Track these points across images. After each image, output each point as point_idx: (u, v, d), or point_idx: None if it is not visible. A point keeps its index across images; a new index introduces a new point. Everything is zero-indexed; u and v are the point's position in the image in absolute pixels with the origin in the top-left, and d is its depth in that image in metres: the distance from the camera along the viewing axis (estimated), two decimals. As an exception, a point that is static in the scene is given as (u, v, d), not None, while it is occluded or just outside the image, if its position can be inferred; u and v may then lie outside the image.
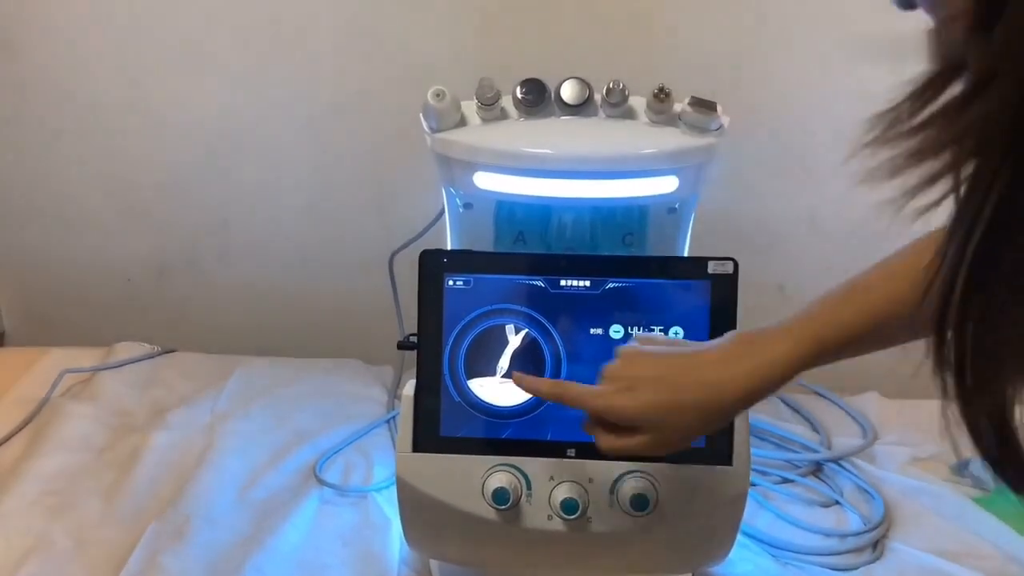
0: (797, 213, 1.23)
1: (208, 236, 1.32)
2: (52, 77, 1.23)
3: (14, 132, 1.27)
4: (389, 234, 1.08)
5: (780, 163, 1.19)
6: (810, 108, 1.15)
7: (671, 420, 0.62)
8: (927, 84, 0.37)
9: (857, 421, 1.16)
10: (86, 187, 1.30)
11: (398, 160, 1.22)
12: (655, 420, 0.62)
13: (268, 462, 1.05)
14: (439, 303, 0.79)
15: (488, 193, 0.82)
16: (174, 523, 0.93)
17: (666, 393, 0.61)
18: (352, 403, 1.18)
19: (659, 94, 0.78)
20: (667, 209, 0.86)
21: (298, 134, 1.24)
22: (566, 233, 0.88)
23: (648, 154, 0.79)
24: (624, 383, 0.63)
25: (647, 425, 0.62)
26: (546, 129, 0.80)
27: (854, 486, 1.04)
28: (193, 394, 1.17)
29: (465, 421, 0.79)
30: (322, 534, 0.94)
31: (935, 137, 0.36)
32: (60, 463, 1.02)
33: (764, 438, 1.12)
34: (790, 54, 1.13)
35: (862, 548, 0.94)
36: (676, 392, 0.61)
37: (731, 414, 0.63)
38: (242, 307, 1.36)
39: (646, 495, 0.75)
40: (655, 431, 0.62)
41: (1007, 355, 0.39)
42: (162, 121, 1.25)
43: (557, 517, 0.77)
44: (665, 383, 0.62)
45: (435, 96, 0.77)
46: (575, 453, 0.78)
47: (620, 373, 0.64)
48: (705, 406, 0.61)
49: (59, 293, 1.38)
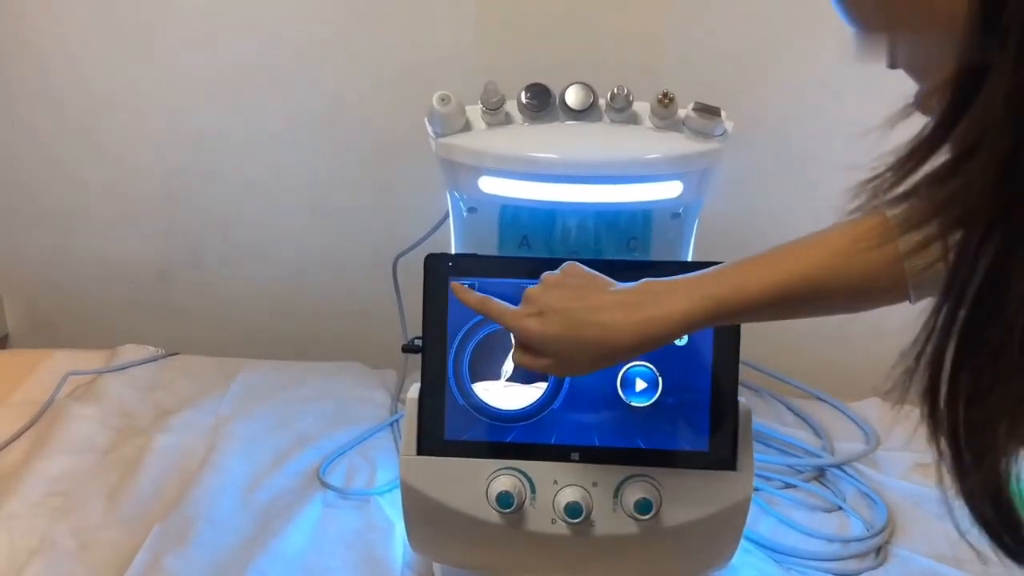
0: (801, 218, 1.22)
1: (211, 239, 1.32)
2: (55, 80, 1.24)
3: (16, 135, 1.27)
4: (393, 238, 1.09)
5: (784, 168, 1.19)
6: (815, 113, 1.16)
7: (570, 351, 0.65)
8: (910, 154, 0.37)
9: (860, 427, 1.16)
10: (90, 190, 1.30)
11: (402, 164, 1.22)
12: (555, 348, 0.65)
13: (271, 465, 1.05)
14: (444, 307, 0.79)
15: (492, 197, 0.82)
16: (177, 525, 0.93)
17: (568, 327, 0.64)
18: (355, 406, 1.18)
19: (663, 99, 0.78)
20: (671, 214, 0.86)
21: (302, 137, 1.24)
22: (570, 237, 0.89)
23: (652, 159, 0.79)
24: (536, 308, 0.66)
25: (549, 351, 0.66)
26: (550, 134, 0.80)
27: (857, 491, 1.04)
28: (197, 397, 1.18)
29: (469, 425, 0.79)
30: (325, 537, 0.95)
31: (920, 207, 0.36)
32: (64, 465, 1.02)
33: (767, 443, 1.12)
34: (795, 60, 1.14)
35: (865, 554, 0.94)
36: (576, 328, 0.64)
37: (626, 356, 0.66)
38: (245, 310, 1.36)
39: (650, 499, 0.75)
40: (556, 357, 0.66)
41: (1000, 429, 0.38)
42: (165, 124, 1.25)
43: (561, 521, 0.77)
44: (570, 317, 0.64)
45: (440, 100, 0.78)
46: (579, 457, 0.78)
47: (535, 298, 0.67)
48: (601, 345, 0.64)
49: (63, 296, 1.38)
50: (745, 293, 0.61)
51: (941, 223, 0.36)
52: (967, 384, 0.38)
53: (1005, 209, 0.34)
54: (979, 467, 0.39)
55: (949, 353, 0.38)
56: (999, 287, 0.35)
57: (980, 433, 0.38)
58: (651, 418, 0.78)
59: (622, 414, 0.78)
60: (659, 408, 0.78)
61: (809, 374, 1.24)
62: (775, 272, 0.61)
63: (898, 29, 0.41)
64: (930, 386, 0.39)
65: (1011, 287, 0.35)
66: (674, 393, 0.78)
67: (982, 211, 0.35)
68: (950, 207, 0.35)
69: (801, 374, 1.24)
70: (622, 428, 0.78)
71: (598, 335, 0.63)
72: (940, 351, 0.38)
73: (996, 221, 0.35)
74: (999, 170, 0.33)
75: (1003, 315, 0.35)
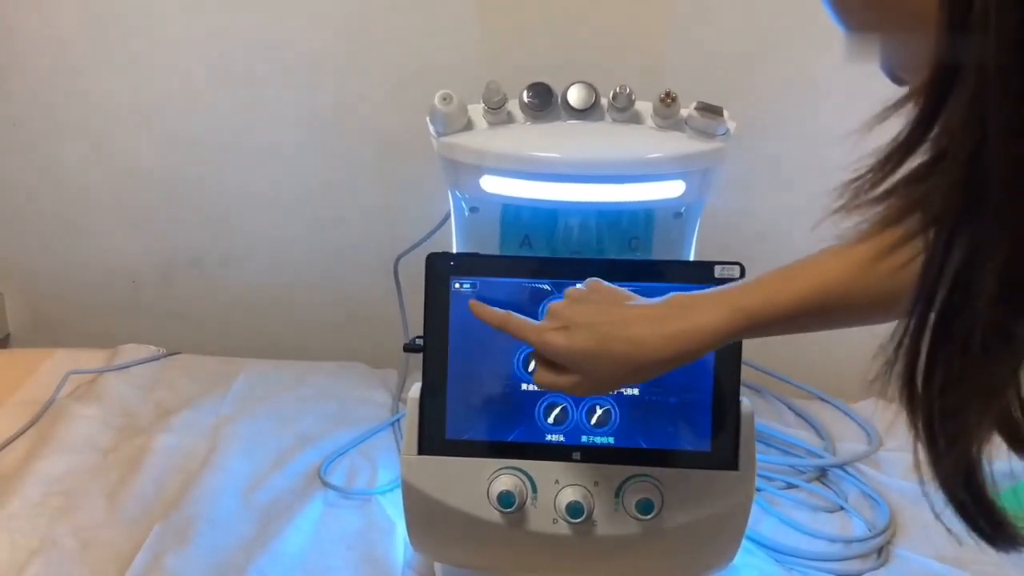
0: (803, 218, 1.23)
1: (213, 239, 1.32)
2: (56, 80, 1.24)
3: (19, 135, 1.27)
4: (394, 237, 1.08)
5: (787, 167, 1.19)
6: (818, 112, 1.15)
7: (598, 367, 0.63)
8: (889, 155, 0.38)
9: (862, 427, 1.16)
10: (91, 190, 1.30)
11: (404, 163, 1.22)
12: (582, 364, 0.64)
13: (272, 465, 1.05)
14: (445, 306, 0.79)
15: (494, 197, 0.82)
16: (178, 525, 0.93)
17: (596, 341, 0.63)
18: (356, 406, 1.18)
19: (665, 99, 0.78)
20: (673, 213, 0.86)
21: (304, 136, 1.24)
22: (572, 237, 0.88)
23: (654, 159, 0.79)
24: (561, 322, 0.65)
25: (575, 367, 0.64)
26: (553, 133, 0.80)
27: (859, 492, 1.04)
28: (198, 396, 1.18)
29: (470, 424, 0.79)
30: (326, 537, 0.95)
31: (897, 206, 0.38)
32: (65, 464, 1.02)
33: (769, 444, 1.12)
34: (798, 59, 1.14)
35: (867, 554, 0.94)
36: (605, 342, 0.63)
37: (656, 371, 0.65)
38: (247, 310, 1.36)
39: (651, 499, 0.75)
40: (583, 374, 0.64)
41: (971, 416, 0.40)
42: (167, 124, 1.25)
43: (562, 520, 0.77)
44: (597, 331, 0.63)
45: (442, 100, 0.78)
46: (580, 456, 0.78)
47: (560, 312, 0.66)
48: (631, 360, 0.62)
49: (64, 295, 1.38)
50: (775, 305, 0.61)
51: (915, 222, 0.38)
52: (940, 374, 0.39)
53: (970, 211, 0.35)
54: (951, 451, 0.41)
55: (924, 345, 0.39)
56: (965, 286, 0.37)
57: (952, 419, 0.40)
58: (653, 418, 0.78)
59: (624, 413, 0.78)
60: (661, 408, 0.78)
61: (811, 374, 1.24)
62: (804, 284, 0.61)
63: (882, 29, 0.42)
64: (907, 376, 0.41)
65: (974, 286, 0.36)
66: (676, 393, 0.78)
67: (950, 212, 0.36)
68: (922, 207, 0.37)
69: (803, 374, 1.24)
70: (624, 428, 0.78)
71: (628, 350, 0.62)
72: (915, 343, 0.40)
73: (962, 222, 0.36)
74: (965, 172, 0.35)
75: (968, 312, 0.37)
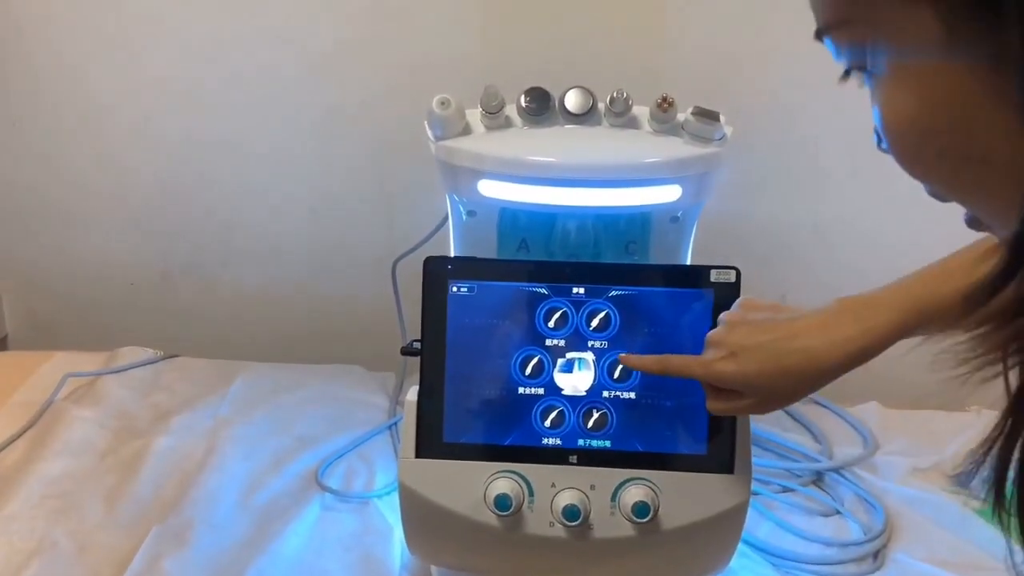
0: (800, 222, 1.23)
1: (212, 241, 1.32)
2: (55, 82, 1.24)
3: (18, 136, 1.28)
4: (392, 241, 1.09)
5: (783, 172, 1.19)
6: (814, 118, 1.16)
7: (774, 385, 0.64)
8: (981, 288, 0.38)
9: (858, 431, 1.16)
10: (90, 192, 1.31)
11: (402, 167, 1.22)
12: (758, 386, 0.64)
13: (270, 467, 1.05)
14: (443, 309, 0.79)
15: (492, 201, 0.82)
16: (176, 527, 0.93)
17: (769, 361, 0.63)
18: (354, 409, 1.18)
19: (662, 103, 0.78)
20: (670, 218, 0.86)
21: (302, 140, 1.25)
22: (569, 241, 0.89)
23: (651, 163, 0.79)
24: (727, 349, 0.65)
25: (750, 390, 0.65)
26: (550, 137, 0.81)
27: (855, 496, 1.04)
28: (196, 399, 1.18)
29: (468, 427, 0.79)
30: (324, 540, 0.95)
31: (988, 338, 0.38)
32: (63, 467, 1.02)
33: (765, 447, 1.12)
34: (794, 64, 1.14)
35: (863, 558, 0.94)
36: (778, 359, 0.63)
37: (831, 378, 0.65)
38: (245, 312, 1.36)
39: (648, 503, 0.75)
40: (758, 395, 0.65)
41: None
42: (166, 126, 1.26)
43: (559, 524, 0.77)
44: (767, 351, 0.64)
45: (440, 104, 0.78)
46: (577, 460, 0.78)
47: (723, 340, 0.66)
48: (807, 372, 0.63)
49: (63, 297, 1.38)
50: (944, 300, 0.61)
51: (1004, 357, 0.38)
52: None
53: None
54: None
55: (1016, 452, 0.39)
56: None
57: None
58: (649, 421, 0.78)
59: (620, 417, 0.78)
60: (657, 411, 0.78)
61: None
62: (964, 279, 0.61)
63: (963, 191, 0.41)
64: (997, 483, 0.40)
65: None
66: (672, 396, 0.78)
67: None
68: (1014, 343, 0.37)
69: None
70: (620, 431, 0.78)
71: (801, 361, 0.63)
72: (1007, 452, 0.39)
73: None
74: None
75: None
